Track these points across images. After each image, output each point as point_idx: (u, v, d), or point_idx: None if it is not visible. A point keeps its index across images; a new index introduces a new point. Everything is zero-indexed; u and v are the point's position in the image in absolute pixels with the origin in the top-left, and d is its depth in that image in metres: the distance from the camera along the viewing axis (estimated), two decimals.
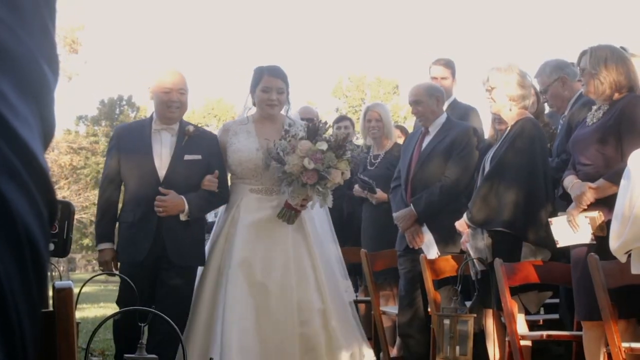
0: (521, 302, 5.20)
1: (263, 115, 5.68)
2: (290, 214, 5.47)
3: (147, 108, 39.46)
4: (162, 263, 5.37)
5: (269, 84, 5.60)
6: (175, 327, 3.39)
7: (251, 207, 5.56)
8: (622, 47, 4.95)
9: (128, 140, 5.58)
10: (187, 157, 5.47)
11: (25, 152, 0.69)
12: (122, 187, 5.66)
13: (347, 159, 5.39)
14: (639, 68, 4.92)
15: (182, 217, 5.39)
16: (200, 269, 5.65)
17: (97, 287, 21.66)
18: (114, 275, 5.48)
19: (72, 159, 35.22)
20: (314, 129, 5.41)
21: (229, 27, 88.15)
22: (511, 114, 5.39)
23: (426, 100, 6.15)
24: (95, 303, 15.10)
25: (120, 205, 5.69)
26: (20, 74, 0.72)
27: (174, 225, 5.38)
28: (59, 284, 1.84)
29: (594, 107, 4.92)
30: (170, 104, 5.47)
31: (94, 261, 41.20)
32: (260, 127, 5.66)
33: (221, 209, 5.89)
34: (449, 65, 6.94)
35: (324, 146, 5.30)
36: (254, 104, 5.74)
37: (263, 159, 5.51)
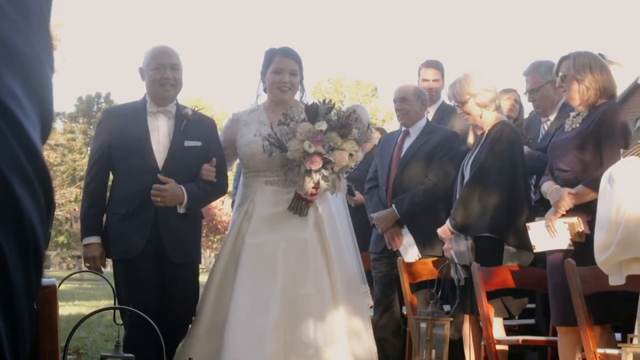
0: (504, 306, 5.23)
1: (275, 100, 5.16)
2: (300, 204, 4.96)
3: None
4: (160, 260, 4.98)
5: (281, 65, 5.10)
6: (153, 324, 3.39)
7: (267, 200, 5.06)
8: (600, 54, 4.97)
9: (121, 124, 5.09)
10: (187, 143, 5.05)
11: (31, 151, 0.70)
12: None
13: (354, 138, 4.86)
14: (615, 75, 4.95)
15: (180, 210, 4.98)
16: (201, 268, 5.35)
17: (72, 285, 21.50)
18: (97, 273, 5.04)
19: (48, 155, 35.05)
20: (313, 110, 4.89)
21: (208, 27, 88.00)
22: (487, 120, 5.40)
23: (413, 100, 6.17)
24: (70, 301, 14.99)
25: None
26: (28, 74, 0.73)
27: (172, 218, 4.98)
28: (42, 281, 1.82)
29: (572, 114, 4.93)
30: (164, 81, 5.05)
31: (69, 259, 40.96)
32: (272, 115, 5.10)
33: (235, 205, 5.42)
34: (440, 67, 6.95)
35: (323, 126, 4.80)
36: (265, 90, 5.21)
37: (264, 147, 4.96)
